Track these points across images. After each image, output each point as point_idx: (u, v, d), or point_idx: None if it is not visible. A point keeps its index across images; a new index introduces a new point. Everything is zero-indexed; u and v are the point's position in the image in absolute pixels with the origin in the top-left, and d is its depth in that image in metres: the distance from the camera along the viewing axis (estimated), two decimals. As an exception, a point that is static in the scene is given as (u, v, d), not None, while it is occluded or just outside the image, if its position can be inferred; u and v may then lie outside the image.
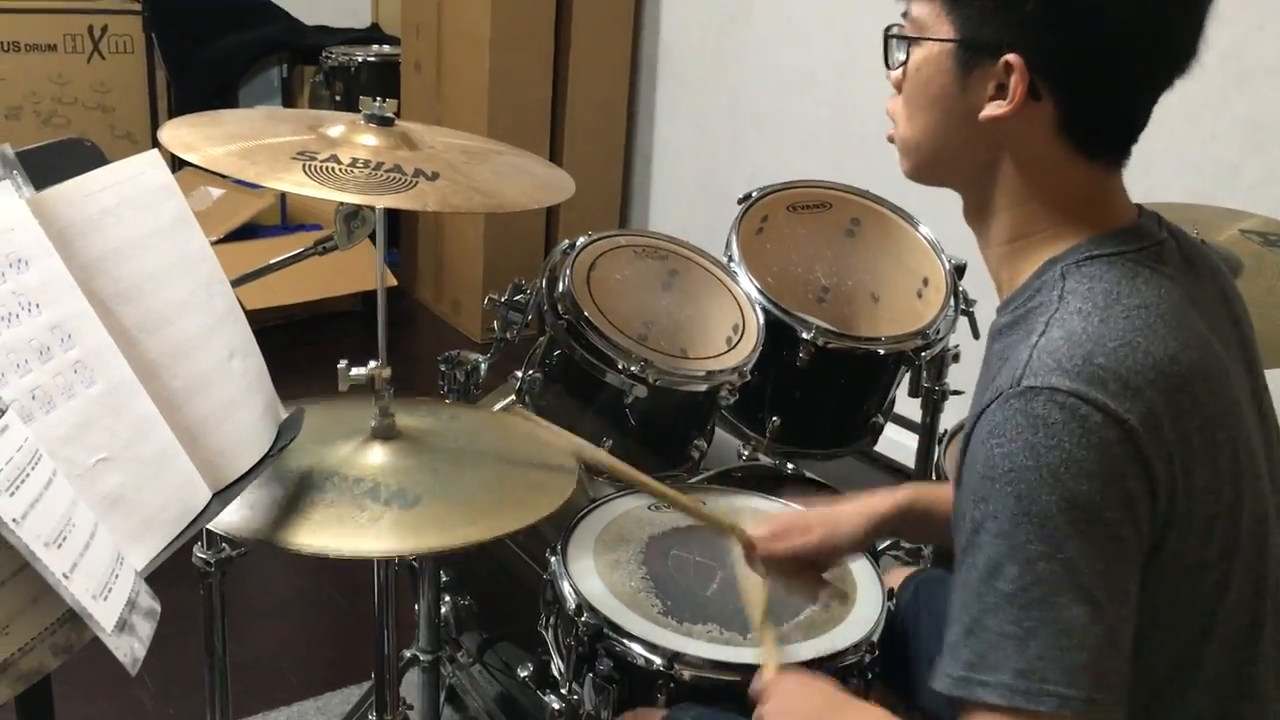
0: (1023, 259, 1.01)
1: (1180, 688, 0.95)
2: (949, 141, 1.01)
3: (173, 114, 4.12)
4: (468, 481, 1.27)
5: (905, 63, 1.02)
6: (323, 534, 1.12)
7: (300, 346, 3.52)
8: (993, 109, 0.96)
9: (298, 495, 1.19)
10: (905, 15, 1.02)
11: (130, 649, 0.85)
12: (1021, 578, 0.86)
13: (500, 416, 1.57)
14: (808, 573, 1.37)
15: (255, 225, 3.73)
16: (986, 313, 1.94)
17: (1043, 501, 0.86)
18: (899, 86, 1.04)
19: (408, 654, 1.82)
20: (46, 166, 0.96)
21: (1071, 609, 0.86)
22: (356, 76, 4.01)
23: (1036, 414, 0.87)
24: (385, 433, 1.28)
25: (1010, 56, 0.94)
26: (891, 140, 1.06)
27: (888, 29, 1.04)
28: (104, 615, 0.82)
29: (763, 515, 1.54)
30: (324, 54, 4.08)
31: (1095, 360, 0.89)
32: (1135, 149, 1.00)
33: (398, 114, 1.43)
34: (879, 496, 1.34)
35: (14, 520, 0.76)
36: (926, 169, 1.05)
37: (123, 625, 0.85)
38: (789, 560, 1.35)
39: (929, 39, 0.99)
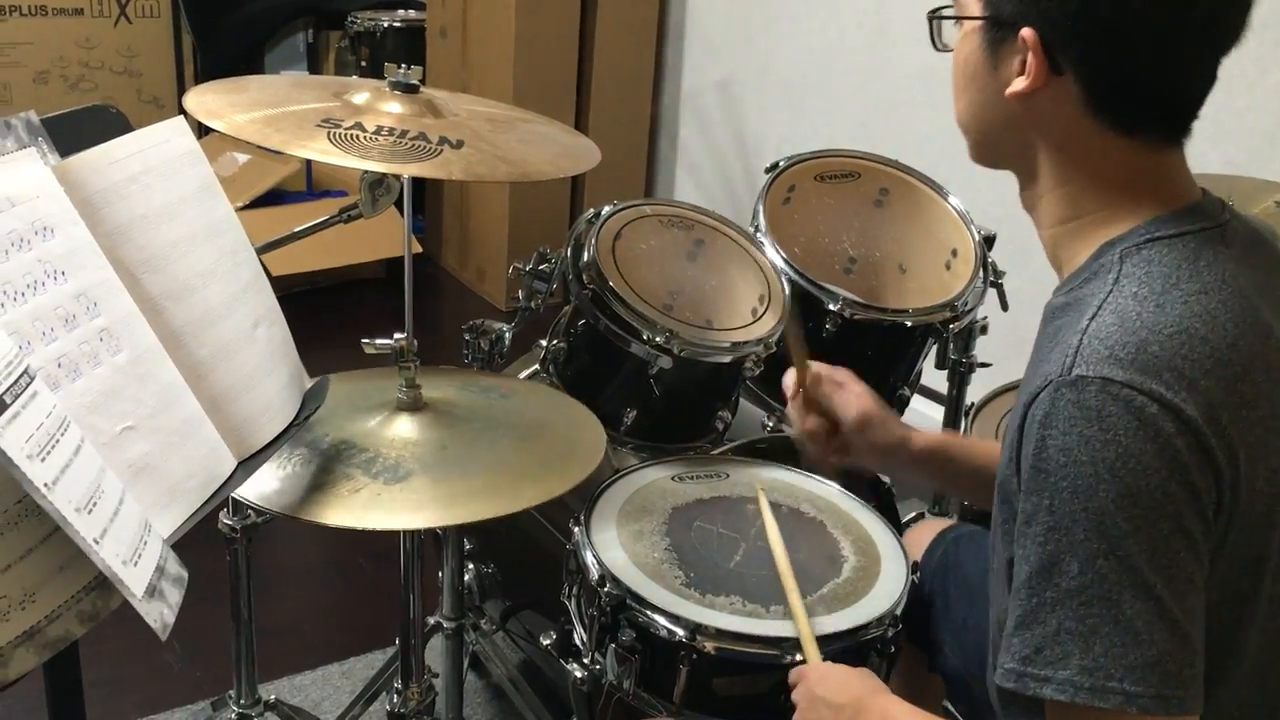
0: (1078, 240, 0.99)
1: (1223, 676, 0.94)
2: (990, 123, 1.01)
3: (199, 79, 4.13)
4: (493, 453, 1.27)
5: (950, 45, 1.02)
6: (348, 507, 1.13)
7: (326, 313, 3.54)
8: (1016, 85, 0.95)
9: (323, 467, 1.19)
10: None
11: (160, 614, 0.86)
12: (1082, 574, 0.85)
13: (526, 385, 1.57)
14: (825, 429, 1.41)
15: (281, 191, 3.73)
16: (1015, 284, 1.93)
17: (1100, 498, 0.84)
18: None
19: (431, 621, 1.83)
20: (72, 133, 0.96)
21: (1135, 604, 0.84)
22: (382, 42, 4.00)
23: (1090, 406, 0.85)
24: (411, 405, 1.28)
25: (1026, 31, 0.92)
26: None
27: (931, 12, 1.03)
28: (134, 580, 0.83)
29: (785, 487, 1.53)
30: (349, 19, 4.07)
31: (1150, 349, 0.86)
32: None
33: (423, 80, 1.42)
34: (920, 430, 1.38)
35: (46, 485, 0.76)
36: (981, 151, 1.05)
37: (152, 591, 0.85)
38: (824, 395, 1.40)
39: (962, 17, 0.98)
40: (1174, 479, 0.84)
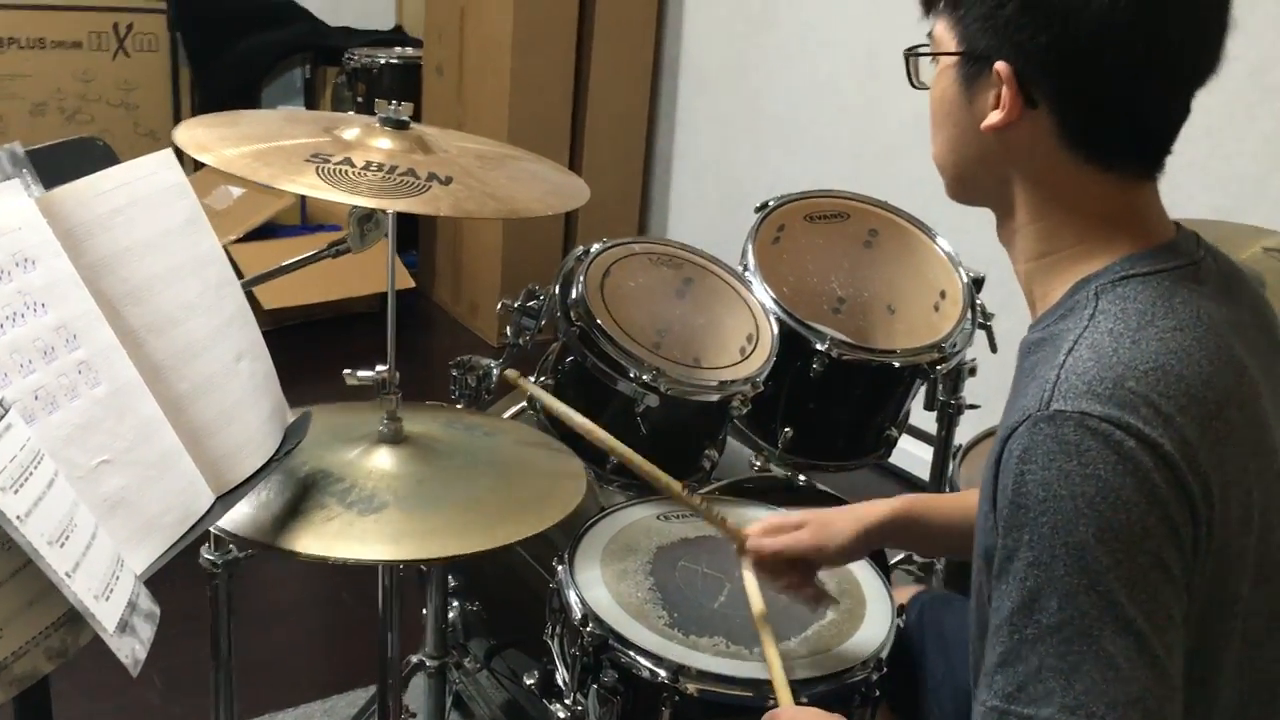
0: (1053, 276, 0.99)
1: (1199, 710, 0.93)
2: (966, 158, 1.01)
3: (196, 113, 4.14)
4: (473, 489, 1.27)
5: (926, 83, 1.02)
6: (322, 539, 1.12)
7: (319, 345, 3.53)
8: (991, 118, 0.95)
9: (300, 498, 1.18)
10: (929, 34, 1.02)
11: (132, 650, 0.85)
12: (1061, 610, 0.84)
13: (509, 424, 1.56)
14: (798, 576, 1.35)
15: (275, 225, 3.74)
16: (1004, 326, 1.93)
17: (1080, 532, 0.83)
18: None
19: (414, 659, 1.81)
20: (57, 165, 0.96)
21: (1116, 641, 0.83)
22: (379, 78, 4.02)
23: (1068, 440, 0.85)
24: (392, 437, 1.28)
25: (999, 64, 0.93)
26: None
27: (908, 49, 1.04)
28: (106, 615, 0.82)
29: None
30: (347, 55, 4.09)
31: (1126, 384, 0.86)
32: (1156, 164, 0.97)
33: (417, 117, 1.42)
34: (873, 505, 1.33)
35: (18, 518, 0.75)
36: (957, 188, 1.05)
37: (124, 626, 0.84)
38: (779, 560, 1.33)
39: (937, 53, 0.99)
40: (1153, 513, 0.84)
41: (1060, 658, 0.84)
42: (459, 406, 1.66)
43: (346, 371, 1.26)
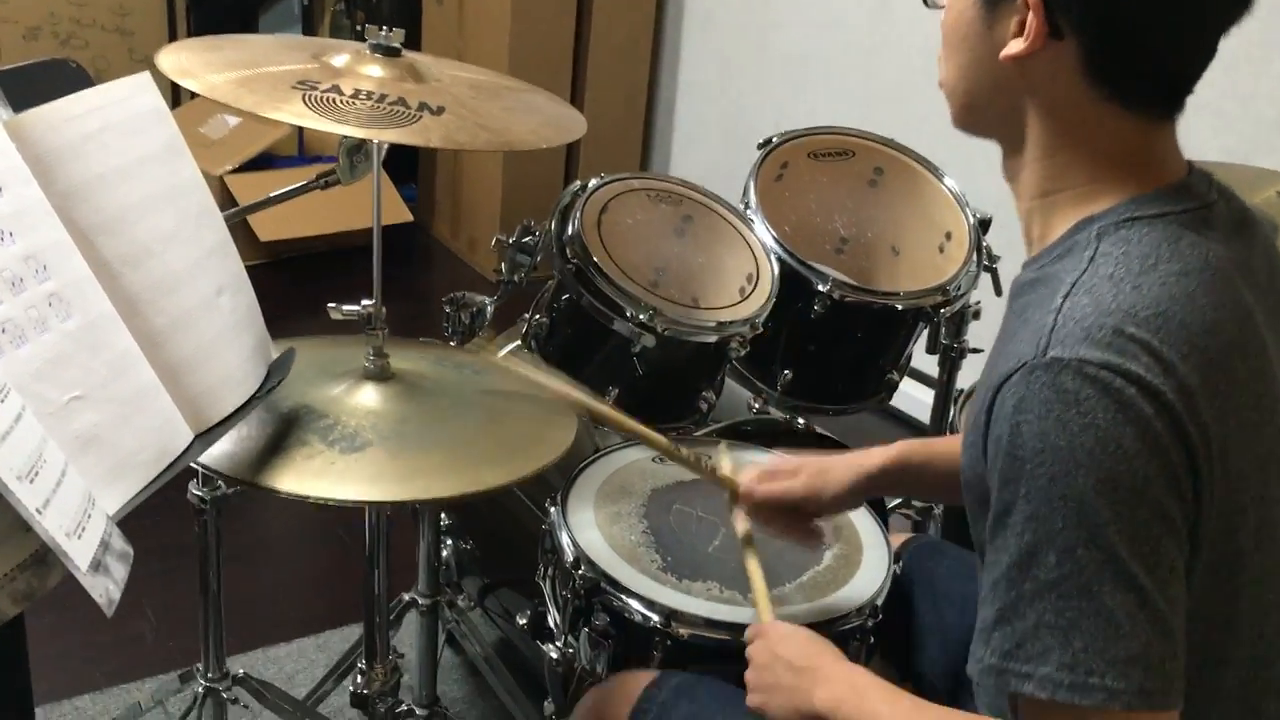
0: (1055, 215, 0.95)
1: (1207, 680, 0.90)
2: (979, 85, 0.96)
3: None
4: (461, 429, 1.23)
5: (942, 4, 0.97)
6: (302, 478, 1.09)
7: (316, 279, 3.49)
8: (1012, 47, 0.90)
9: (282, 435, 1.15)
10: None
11: (106, 589, 0.83)
12: (1060, 565, 0.82)
13: (500, 361, 1.53)
14: (794, 521, 1.33)
15: (272, 155, 3.67)
16: (1009, 269, 1.88)
17: (1078, 484, 0.81)
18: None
19: (406, 597, 1.80)
20: (27, 88, 0.92)
21: (1116, 595, 0.81)
22: (378, 7, 3.93)
23: (1066, 389, 0.82)
24: (379, 374, 1.25)
25: None
26: (941, 87, 1.01)
27: None
28: (79, 554, 0.80)
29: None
30: (345, -18, 4.01)
31: (1126, 330, 0.83)
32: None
33: (416, 47, 1.38)
34: (870, 453, 1.30)
35: (-15, 453, 0.73)
36: (965, 116, 1.00)
37: (97, 565, 0.82)
38: (775, 507, 1.31)
39: None
40: (1154, 462, 0.81)
41: (1058, 614, 0.82)
42: (451, 344, 1.63)
43: (331, 305, 1.22)
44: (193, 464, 1.00)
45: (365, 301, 1.23)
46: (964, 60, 0.96)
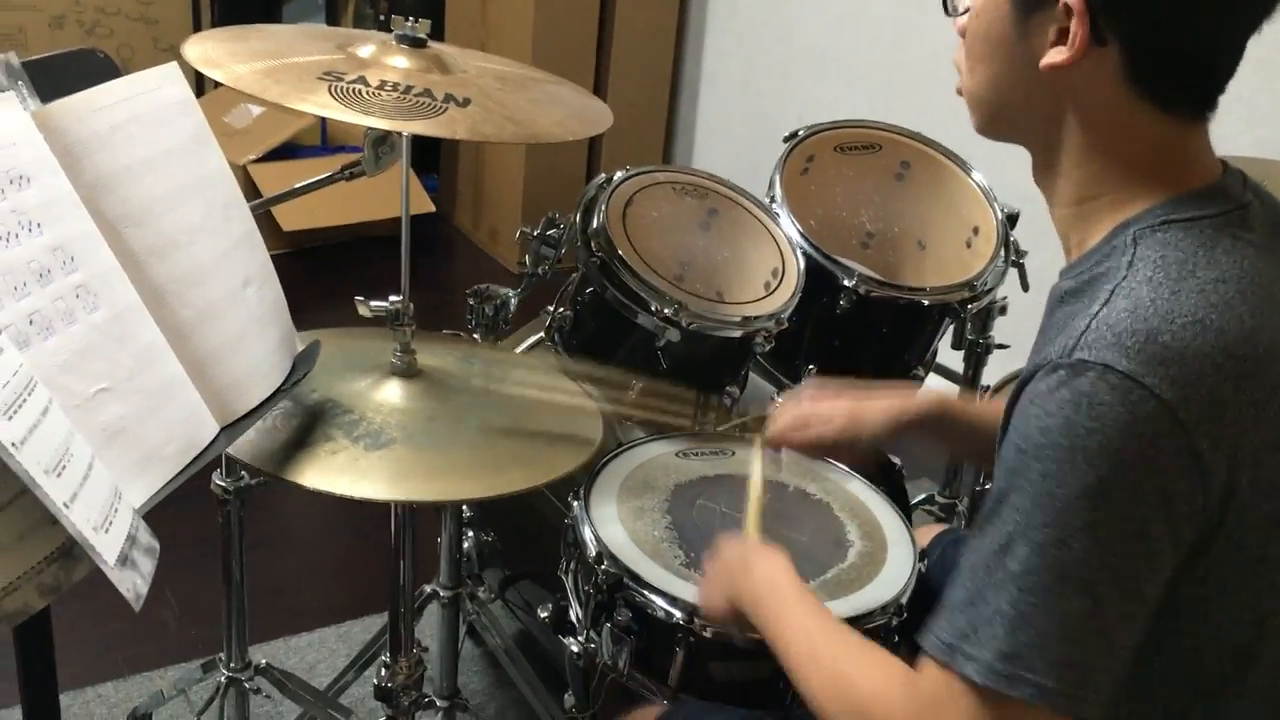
0: (1093, 221, 0.93)
1: (1227, 698, 0.90)
2: (1011, 94, 0.94)
3: (216, 27, 4.07)
4: (482, 430, 1.23)
5: (965, 10, 0.96)
6: (326, 473, 1.09)
7: (339, 269, 3.50)
8: (1054, 56, 0.88)
9: (307, 428, 1.15)
10: None
11: (133, 584, 0.83)
12: (1029, 560, 0.82)
13: (530, 361, 1.52)
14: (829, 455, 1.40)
15: (295, 145, 3.68)
16: (1037, 264, 1.87)
17: (1068, 485, 0.81)
18: (964, 34, 0.97)
19: (428, 589, 1.80)
20: (55, 78, 0.92)
21: (1072, 601, 0.82)
22: (402, -3, 3.93)
23: (1083, 390, 0.81)
24: (405, 370, 1.24)
25: None
26: (960, 93, 0.99)
27: None
28: (106, 548, 0.80)
29: (791, 466, 1.49)
30: (369, -29, 4.01)
31: (1159, 338, 0.82)
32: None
33: (440, 38, 1.37)
34: (909, 398, 1.33)
35: (13, 445, 0.72)
36: (993, 124, 0.98)
37: (124, 559, 0.82)
38: (808, 449, 1.37)
39: None
40: (1150, 482, 0.81)
41: (1013, 605, 0.83)
42: (475, 336, 1.63)
43: (359, 299, 1.22)
44: (228, 455, 0.99)
45: (393, 298, 1.23)
46: (995, 70, 0.94)
